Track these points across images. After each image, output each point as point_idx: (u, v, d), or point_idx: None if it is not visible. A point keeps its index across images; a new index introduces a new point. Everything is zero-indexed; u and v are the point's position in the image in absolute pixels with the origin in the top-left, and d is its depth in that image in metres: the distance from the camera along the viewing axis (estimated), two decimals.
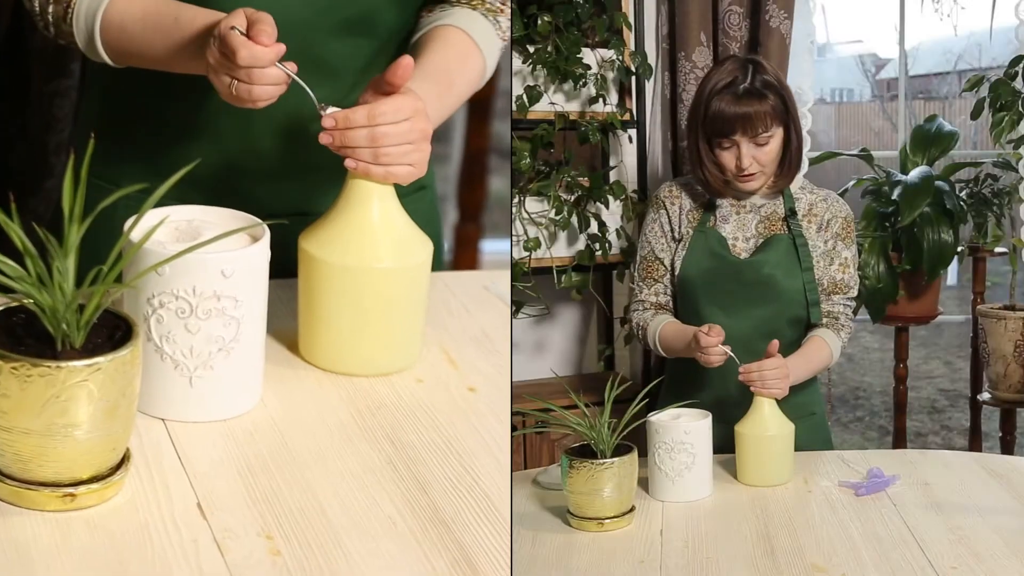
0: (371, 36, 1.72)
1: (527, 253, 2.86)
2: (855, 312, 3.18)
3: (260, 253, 1.39)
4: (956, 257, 3.25)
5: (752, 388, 2.00)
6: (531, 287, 2.84)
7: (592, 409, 1.79)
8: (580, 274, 2.92)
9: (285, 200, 1.78)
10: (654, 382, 2.09)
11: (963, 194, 3.30)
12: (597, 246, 2.93)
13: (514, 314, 2.85)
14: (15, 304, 1.19)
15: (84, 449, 1.15)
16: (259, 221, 1.43)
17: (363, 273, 1.50)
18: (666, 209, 2.25)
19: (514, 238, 2.86)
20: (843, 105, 10.35)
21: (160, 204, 1.33)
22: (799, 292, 2.17)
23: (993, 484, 1.91)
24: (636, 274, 2.28)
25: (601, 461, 1.74)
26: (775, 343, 2.03)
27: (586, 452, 1.78)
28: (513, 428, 1.85)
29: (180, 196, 1.59)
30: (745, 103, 2.11)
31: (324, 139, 1.51)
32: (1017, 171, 3.24)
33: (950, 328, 6.23)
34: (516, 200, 2.86)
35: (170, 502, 1.23)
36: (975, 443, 3.50)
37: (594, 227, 2.93)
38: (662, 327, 2.19)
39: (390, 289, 1.52)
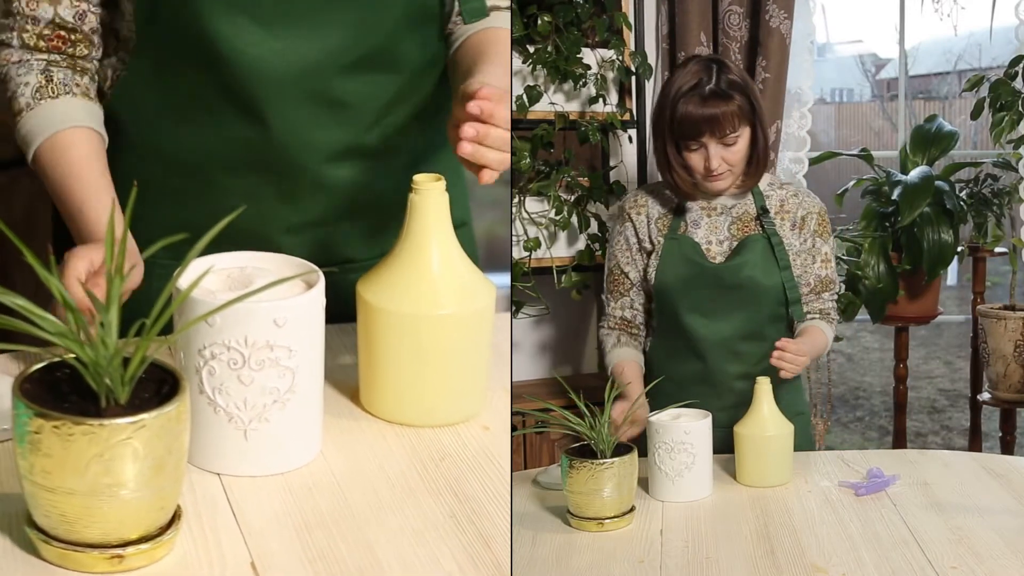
0: (391, 72, 1.69)
1: (527, 253, 2.86)
2: (855, 312, 3.20)
3: (314, 300, 1.33)
4: (956, 257, 3.25)
5: (776, 361, 1.99)
6: (531, 287, 2.84)
7: (592, 409, 1.79)
8: (580, 274, 2.92)
9: (324, 250, 1.76)
10: (654, 382, 2.09)
11: (963, 194, 3.30)
12: (597, 246, 2.93)
13: (514, 314, 2.85)
14: (57, 359, 1.15)
15: (131, 509, 1.11)
16: (314, 267, 1.38)
17: (424, 320, 1.45)
18: (631, 221, 2.22)
19: (514, 238, 2.86)
20: (843, 105, 10.36)
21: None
22: (779, 291, 2.16)
23: (993, 484, 1.91)
24: (605, 286, 2.27)
25: (601, 461, 1.74)
26: (783, 340, 2.03)
27: (586, 452, 1.77)
28: (513, 428, 1.85)
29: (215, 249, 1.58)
30: (712, 104, 2.08)
31: (469, 132, 1.43)
32: (1017, 171, 3.24)
33: (950, 328, 6.23)
34: (516, 200, 2.86)
35: (223, 562, 1.18)
36: (975, 443, 3.51)
37: (594, 227, 2.93)
38: (615, 364, 2.18)
39: (452, 336, 1.46)
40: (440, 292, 1.46)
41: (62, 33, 1.63)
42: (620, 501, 1.76)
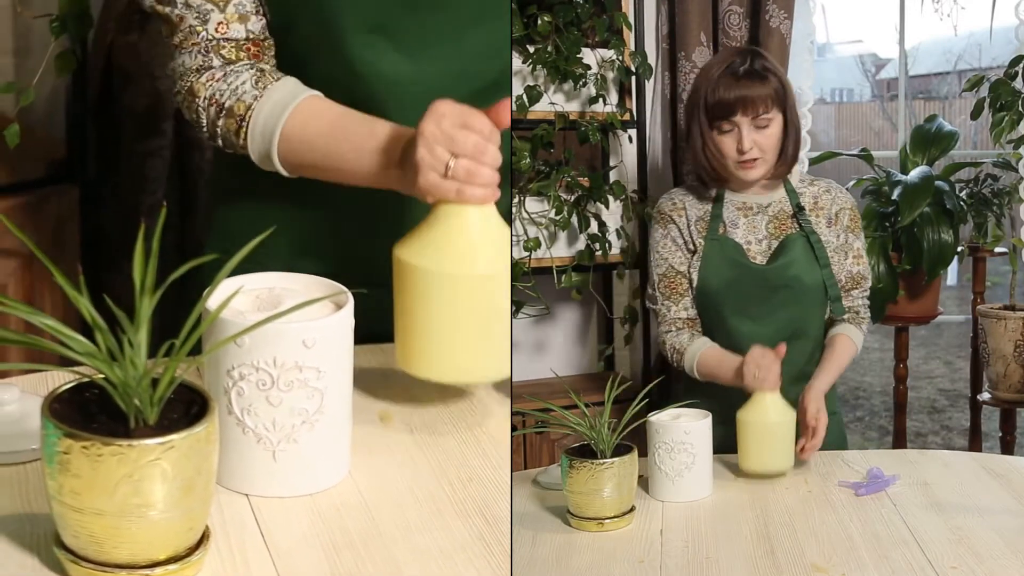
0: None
1: (527, 253, 2.86)
2: None
3: (343, 322, 1.34)
4: (956, 257, 3.25)
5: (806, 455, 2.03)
6: (531, 287, 2.84)
7: (592, 409, 1.79)
8: (580, 274, 2.92)
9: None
10: (654, 382, 2.09)
11: (963, 194, 3.30)
12: (597, 246, 2.93)
13: (514, 314, 2.85)
14: (86, 379, 1.15)
15: (160, 529, 1.11)
16: (343, 288, 1.38)
17: (463, 280, 1.44)
18: (674, 222, 2.24)
19: (514, 238, 2.86)
20: (843, 105, 10.38)
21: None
22: (820, 289, 2.18)
23: (993, 484, 1.91)
24: (658, 293, 2.25)
25: (601, 461, 1.74)
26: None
27: (586, 452, 1.77)
28: (513, 428, 1.85)
29: (323, 270, 1.60)
30: (746, 84, 2.13)
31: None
32: (1017, 171, 3.24)
33: (950, 328, 6.24)
34: (516, 200, 2.86)
35: None
36: (975, 443, 3.50)
37: (594, 227, 2.93)
38: (702, 353, 2.18)
39: (490, 294, 1.46)
40: (478, 251, 1.46)
41: (258, 43, 1.63)
42: (620, 501, 1.76)
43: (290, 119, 1.57)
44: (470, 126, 1.41)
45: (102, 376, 1.11)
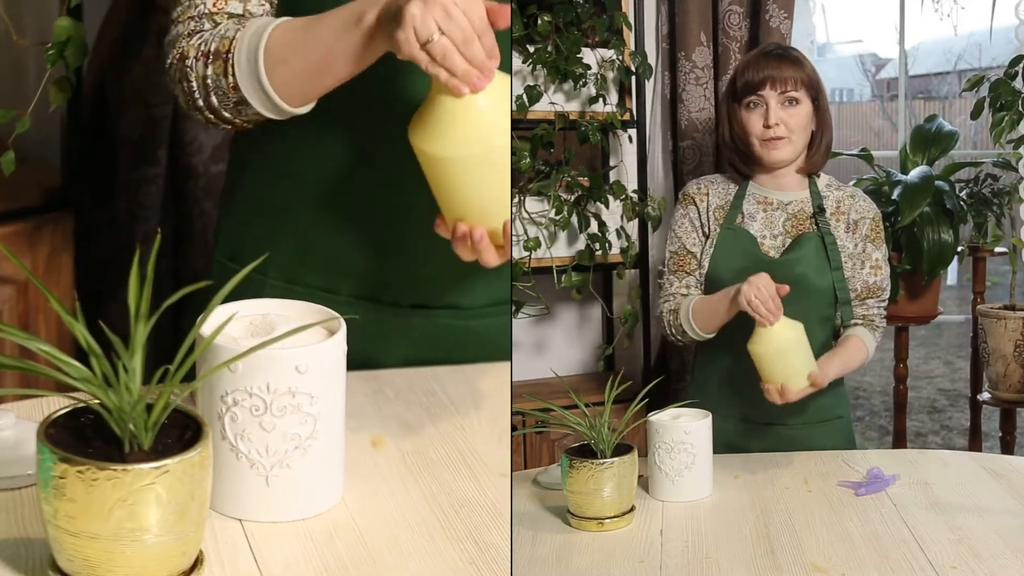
0: None
1: (527, 253, 2.86)
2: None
3: (336, 347, 1.35)
4: (956, 257, 3.25)
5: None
6: (531, 287, 2.84)
7: (592, 409, 1.79)
8: (580, 274, 2.92)
9: (432, 290, 1.74)
10: (654, 382, 2.09)
11: (963, 194, 3.30)
12: (597, 246, 2.93)
13: (514, 314, 2.85)
14: (81, 404, 1.16)
15: (154, 553, 1.12)
16: (335, 315, 1.39)
17: (493, 152, 1.43)
18: (695, 205, 2.25)
19: (514, 238, 2.86)
20: (843, 105, 10.38)
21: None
22: (829, 291, 2.17)
23: (993, 484, 1.91)
24: (666, 268, 2.27)
25: (601, 461, 1.74)
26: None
27: (586, 452, 1.77)
28: (513, 428, 1.85)
29: (328, 283, 1.62)
30: (775, 62, 2.18)
31: None
32: (1017, 171, 3.24)
33: (950, 328, 6.24)
34: (516, 200, 2.86)
35: None
36: (975, 443, 3.51)
37: (594, 227, 2.93)
38: (694, 302, 2.18)
39: (501, 157, 1.44)
40: (496, 123, 1.44)
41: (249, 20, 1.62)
42: (620, 501, 1.76)
43: (271, 33, 1.54)
44: (468, 13, 1.38)
45: (97, 401, 1.12)
